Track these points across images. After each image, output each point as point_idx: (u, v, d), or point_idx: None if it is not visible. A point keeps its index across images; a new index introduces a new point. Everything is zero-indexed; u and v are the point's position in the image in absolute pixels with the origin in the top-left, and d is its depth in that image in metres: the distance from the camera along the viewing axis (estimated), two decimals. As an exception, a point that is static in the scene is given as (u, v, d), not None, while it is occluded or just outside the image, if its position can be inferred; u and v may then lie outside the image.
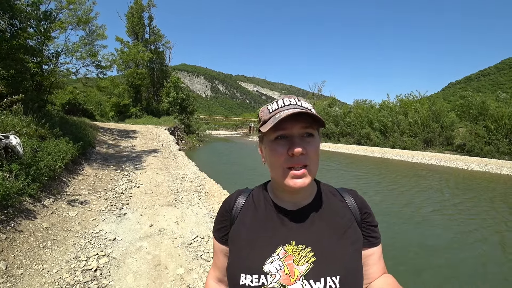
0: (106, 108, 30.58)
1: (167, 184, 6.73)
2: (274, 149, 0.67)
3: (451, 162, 17.99)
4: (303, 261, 0.66)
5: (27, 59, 7.78)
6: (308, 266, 0.65)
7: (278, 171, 0.68)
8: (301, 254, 0.67)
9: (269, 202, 0.76)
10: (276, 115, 0.67)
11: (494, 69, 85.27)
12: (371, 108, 35.55)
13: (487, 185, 11.23)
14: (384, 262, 0.79)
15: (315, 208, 0.74)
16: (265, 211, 0.75)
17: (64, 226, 3.90)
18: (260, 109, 0.75)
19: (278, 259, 0.67)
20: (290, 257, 0.67)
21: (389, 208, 7.32)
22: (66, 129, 8.18)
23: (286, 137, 0.67)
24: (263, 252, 0.68)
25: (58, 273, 2.87)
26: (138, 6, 31.04)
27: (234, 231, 0.76)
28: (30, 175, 4.28)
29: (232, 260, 0.72)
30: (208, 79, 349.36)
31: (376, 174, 13.50)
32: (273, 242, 0.70)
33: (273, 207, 0.75)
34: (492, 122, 21.93)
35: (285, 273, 0.64)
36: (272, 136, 0.68)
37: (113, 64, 14.21)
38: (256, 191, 0.82)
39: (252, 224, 0.74)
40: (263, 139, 0.73)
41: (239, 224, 0.76)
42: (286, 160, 0.66)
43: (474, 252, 4.87)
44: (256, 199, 0.79)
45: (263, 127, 0.70)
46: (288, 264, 0.66)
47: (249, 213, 0.77)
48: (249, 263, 0.68)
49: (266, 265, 0.66)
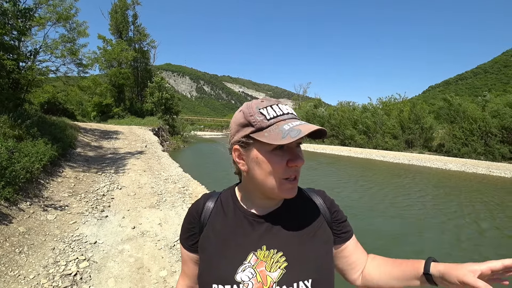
0: (88, 108, 29.74)
1: (150, 185, 6.62)
2: (272, 160, 0.64)
3: (430, 163, 18.61)
4: (275, 267, 0.65)
5: (3, 56, 7.48)
6: (281, 272, 0.64)
7: (272, 182, 0.65)
8: (273, 259, 0.66)
9: (238, 206, 0.74)
10: (283, 125, 0.63)
11: (470, 73, 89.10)
12: (354, 109, 36.33)
13: (462, 183, 11.71)
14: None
15: (285, 212, 0.73)
16: (234, 216, 0.73)
17: (42, 230, 3.78)
18: (247, 110, 0.67)
19: (250, 266, 0.65)
20: (262, 264, 0.66)
21: (368, 205, 7.51)
22: (45, 129, 7.90)
23: (282, 147, 0.65)
24: (234, 260, 0.67)
25: (35, 278, 2.78)
26: (122, 3, 30.37)
27: (204, 238, 0.73)
28: (5, 178, 4.12)
29: (203, 269, 0.70)
30: (194, 79, 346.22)
31: (359, 174, 13.80)
32: (244, 248, 0.68)
33: (242, 213, 0.73)
34: (469, 124, 22.89)
35: (257, 281, 0.63)
36: (271, 146, 0.63)
37: (95, 62, 13.85)
38: (224, 195, 0.79)
39: (221, 231, 0.72)
40: (250, 146, 0.66)
41: (208, 231, 0.73)
42: (284, 171, 0.65)
43: (442, 238, 5.13)
44: (224, 204, 0.76)
45: (261, 136, 0.63)
46: (260, 271, 0.65)
47: (219, 219, 0.74)
48: (221, 273, 0.66)
49: (238, 274, 0.64)
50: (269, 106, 0.66)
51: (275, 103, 0.68)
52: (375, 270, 0.77)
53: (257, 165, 0.66)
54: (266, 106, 0.66)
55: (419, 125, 27.31)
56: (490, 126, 21.64)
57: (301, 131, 0.60)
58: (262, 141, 0.62)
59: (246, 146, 0.67)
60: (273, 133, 0.62)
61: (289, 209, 0.74)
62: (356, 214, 6.73)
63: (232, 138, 0.70)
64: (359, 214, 6.80)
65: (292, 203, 0.75)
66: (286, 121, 0.64)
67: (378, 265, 0.77)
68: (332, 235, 0.76)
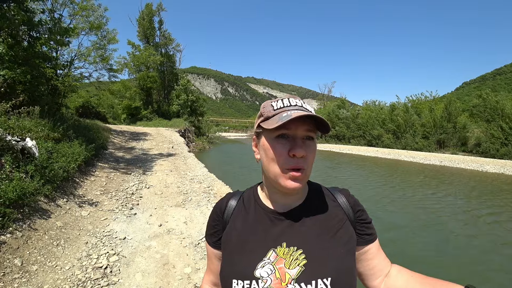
0: (118, 111, 31.21)
1: (176, 185, 6.83)
2: (275, 147, 0.66)
3: (465, 164, 17.57)
4: (294, 264, 0.65)
5: (43, 65, 8.06)
6: (300, 270, 0.64)
7: (275, 170, 0.67)
8: (292, 256, 0.66)
9: (259, 204, 0.76)
10: (283, 113, 0.65)
11: (510, 67, 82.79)
12: (381, 109, 35.11)
13: (502, 187, 10.93)
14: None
15: (306, 209, 0.73)
16: (255, 213, 0.75)
17: (77, 225, 4.03)
18: (262, 104, 0.73)
19: (269, 263, 0.66)
20: (282, 261, 0.66)
21: (397, 208, 7.23)
22: (80, 132, 8.41)
23: (287, 137, 0.66)
24: (254, 257, 0.68)
25: (70, 270, 2.98)
26: (148, 10, 31.60)
27: (226, 235, 0.76)
28: (45, 176, 4.44)
29: (224, 265, 0.72)
30: (218, 81, 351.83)
31: (385, 175, 13.32)
32: (264, 245, 0.69)
33: (263, 209, 0.74)
34: (508, 122, 21.31)
35: (276, 278, 0.64)
36: (274, 134, 0.67)
37: (124, 67, 14.51)
38: (246, 194, 0.81)
39: (242, 228, 0.74)
40: (260, 135, 0.72)
41: (230, 229, 0.76)
42: (285, 160, 0.65)
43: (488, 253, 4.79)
44: (246, 202, 0.79)
45: (266, 123, 0.68)
46: (279, 268, 0.65)
47: (240, 216, 0.76)
48: (240, 268, 0.67)
49: (257, 270, 0.66)
50: (280, 100, 0.71)
51: (288, 97, 0.71)
52: (401, 284, 0.71)
53: (264, 152, 0.70)
54: (278, 100, 0.71)
55: (452, 124, 25.86)
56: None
57: (291, 116, 0.62)
58: (267, 129, 0.66)
59: (259, 135, 0.73)
60: (273, 121, 0.66)
61: (311, 207, 0.74)
62: (380, 217, 6.52)
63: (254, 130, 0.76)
64: (383, 217, 6.58)
65: (313, 200, 0.76)
66: (289, 110, 0.66)
67: (406, 281, 0.71)
68: (356, 235, 0.74)
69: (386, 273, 0.76)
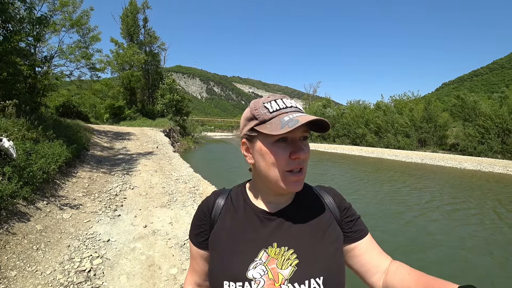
0: (101, 110, 30.40)
1: (161, 185, 6.74)
2: (275, 152, 0.65)
3: (444, 162, 18.22)
4: (287, 264, 0.65)
5: (20, 62, 7.76)
6: (292, 269, 0.64)
7: (276, 174, 0.66)
8: (284, 256, 0.66)
9: (248, 203, 0.75)
10: (284, 117, 0.64)
11: (486, 69, 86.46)
12: (365, 108, 35.90)
13: (477, 183, 11.40)
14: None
15: (295, 209, 0.73)
16: (244, 213, 0.74)
17: (58, 228, 3.91)
18: (253, 105, 0.70)
19: (261, 263, 0.65)
20: (273, 261, 0.65)
21: (381, 206, 7.42)
22: (60, 132, 8.14)
23: (286, 140, 0.65)
24: (245, 257, 0.67)
25: (51, 274, 2.89)
26: (133, 7, 30.92)
27: (214, 235, 0.74)
28: (23, 178, 4.28)
29: (214, 267, 0.70)
30: (204, 80, 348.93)
31: (370, 173, 13.63)
32: (254, 245, 0.68)
33: (253, 209, 0.73)
34: (484, 121, 22.24)
35: (269, 278, 0.63)
36: (273, 138, 0.64)
37: (107, 66, 14.16)
38: (234, 193, 0.79)
39: (232, 228, 0.72)
40: (254, 139, 0.68)
41: (219, 228, 0.74)
42: (286, 163, 0.65)
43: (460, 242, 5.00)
44: (235, 201, 0.77)
45: (263, 127, 0.65)
46: (272, 269, 0.64)
47: (229, 216, 0.75)
48: (232, 270, 0.66)
49: (250, 271, 0.64)
50: (273, 101, 0.68)
51: (280, 97, 0.69)
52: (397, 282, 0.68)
53: (261, 157, 0.67)
54: (271, 100, 0.68)
55: (433, 123, 26.74)
56: (507, 123, 21.00)
57: (299, 121, 0.60)
58: (265, 133, 0.64)
59: (252, 139, 0.69)
60: (274, 125, 0.63)
61: (299, 207, 0.74)
62: (368, 214, 6.67)
63: (241, 133, 0.73)
64: (371, 214, 6.74)
65: (302, 200, 0.75)
66: (288, 113, 0.65)
67: (402, 278, 0.68)
68: (342, 233, 0.74)
69: (383, 269, 0.72)
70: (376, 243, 0.77)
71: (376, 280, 0.72)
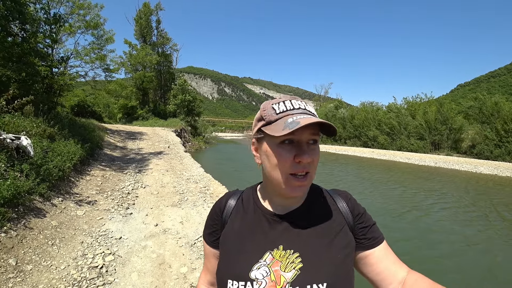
0: (114, 110, 31.07)
1: (172, 185, 6.81)
2: (279, 153, 0.64)
3: (459, 165, 17.76)
4: (290, 267, 0.64)
5: (38, 63, 7.99)
6: (295, 273, 0.63)
7: (279, 176, 0.65)
8: (288, 259, 0.66)
9: (258, 205, 0.75)
10: (288, 118, 0.63)
11: (504, 70, 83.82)
12: (378, 110, 35.38)
13: (494, 188, 11.06)
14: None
15: (305, 212, 0.72)
16: (253, 214, 0.74)
17: (72, 224, 4.00)
18: (262, 106, 0.70)
19: (265, 265, 0.66)
20: (277, 263, 0.66)
21: (393, 209, 7.29)
22: (75, 131, 8.36)
23: (292, 142, 0.64)
24: (250, 258, 0.68)
25: (65, 269, 2.96)
26: (146, 9, 31.52)
27: (224, 235, 0.75)
28: (40, 175, 4.41)
29: (220, 265, 0.72)
30: (215, 81, 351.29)
31: (381, 176, 13.41)
32: (260, 247, 0.69)
33: (262, 211, 0.73)
34: (503, 124, 21.56)
35: (271, 280, 0.63)
36: (278, 139, 0.64)
37: (121, 67, 14.42)
38: (246, 194, 0.80)
39: (240, 229, 0.73)
40: (262, 140, 0.69)
41: (228, 228, 0.75)
42: (291, 166, 0.64)
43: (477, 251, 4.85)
44: (245, 202, 0.78)
45: (268, 128, 0.65)
46: (275, 271, 0.65)
47: (239, 216, 0.76)
48: (236, 269, 0.67)
49: (253, 271, 0.65)
50: (282, 102, 0.67)
51: (289, 99, 0.68)
52: None
53: (266, 158, 0.67)
54: (279, 101, 0.68)
55: (447, 125, 26.11)
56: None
57: (299, 123, 0.59)
58: (270, 134, 0.63)
59: (260, 139, 0.69)
60: (277, 126, 0.63)
61: (310, 210, 0.73)
62: (379, 217, 6.56)
63: (252, 133, 0.73)
64: (381, 217, 6.63)
65: (312, 203, 0.74)
66: (294, 115, 0.64)
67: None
68: (354, 240, 0.72)
69: (400, 279, 0.67)
70: (392, 251, 0.73)
71: None
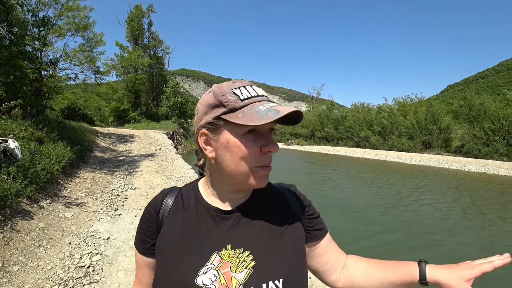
0: (106, 113, 30.79)
1: (162, 186, 6.84)
2: (246, 144, 0.58)
3: (448, 164, 18.09)
4: (242, 267, 0.59)
5: (26, 65, 7.96)
6: (248, 273, 0.58)
7: (244, 169, 0.59)
8: (239, 259, 0.60)
9: (200, 201, 0.67)
10: (258, 105, 0.58)
11: (492, 71, 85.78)
12: (369, 110, 35.83)
13: (480, 185, 11.33)
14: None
15: (252, 207, 0.67)
16: (195, 212, 0.66)
17: (60, 226, 4.02)
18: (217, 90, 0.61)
19: (212, 268, 0.59)
20: (227, 264, 0.59)
21: (382, 206, 7.45)
22: (64, 134, 8.32)
23: (254, 132, 0.59)
24: (195, 262, 0.60)
25: (52, 269, 2.99)
26: (137, 11, 31.33)
27: (161, 239, 0.65)
28: (27, 177, 4.41)
29: (159, 274, 0.63)
30: (208, 83, 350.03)
31: (373, 175, 13.61)
32: (206, 248, 0.61)
33: (205, 208, 0.66)
34: (490, 123, 22.06)
35: (221, 284, 0.57)
36: (244, 129, 0.57)
37: (112, 69, 14.40)
38: (185, 190, 0.72)
39: (181, 229, 0.64)
40: (220, 129, 0.60)
41: (166, 231, 0.65)
42: (256, 158, 0.59)
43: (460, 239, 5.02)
44: (185, 199, 0.69)
45: (233, 117, 0.57)
46: (225, 273, 0.58)
47: (178, 216, 0.66)
48: (179, 276, 0.59)
49: (199, 277, 0.58)
50: (243, 87, 0.60)
51: (248, 84, 0.62)
52: (361, 274, 0.71)
53: (227, 150, 0.59)
54: (239, 86, 0.60)
55: (437, 125, 26.60)
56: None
57: (279, 111, 0.54)
58: (235, 123, 0.56)
59: (216, 129, 0.60)
60: (248, 114, 0.56)
61: (257, 204, 0.68)
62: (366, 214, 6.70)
63: (198, 122, 0.64)
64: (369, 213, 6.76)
65: (260, 197, 0.69)
66: (261, 102, 0.59)
67: (364, 269, 0.71)
68: (304, 232, 0.70)
69: (342, 265, 0.73)
70: (333, 240, 0.76)
71: (336, 277, 0.73)
